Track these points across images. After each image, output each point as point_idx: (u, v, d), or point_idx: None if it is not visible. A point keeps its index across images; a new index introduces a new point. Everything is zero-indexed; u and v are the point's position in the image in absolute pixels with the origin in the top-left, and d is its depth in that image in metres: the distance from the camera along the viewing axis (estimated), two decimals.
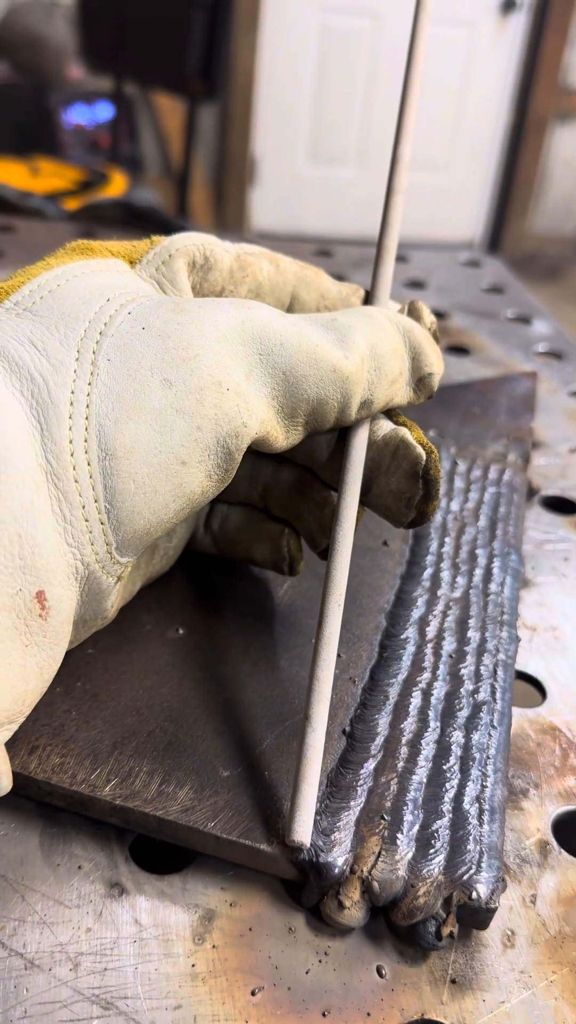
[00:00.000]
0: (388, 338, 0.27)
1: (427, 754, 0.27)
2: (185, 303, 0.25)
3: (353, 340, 0.26)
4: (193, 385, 0.23)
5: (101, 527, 0.22)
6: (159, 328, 0.24)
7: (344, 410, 0.26)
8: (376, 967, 0.23)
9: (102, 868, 0.25)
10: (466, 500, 0.41)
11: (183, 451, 0.23)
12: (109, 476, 0.22)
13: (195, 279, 0.28)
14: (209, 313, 0.24)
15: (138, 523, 0.23)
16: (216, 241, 0.28)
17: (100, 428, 0.22)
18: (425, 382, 0.28)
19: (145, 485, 0.22)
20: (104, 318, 0.24)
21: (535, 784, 0.29)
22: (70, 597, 0.22)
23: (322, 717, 0.25)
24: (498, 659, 0.31)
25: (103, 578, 0.23)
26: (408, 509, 0.28)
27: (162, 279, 0.27)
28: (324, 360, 0.25)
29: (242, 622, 0.32)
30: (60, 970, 0.22)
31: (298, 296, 0.30)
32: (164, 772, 0.26)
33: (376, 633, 0.32)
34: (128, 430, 0.22)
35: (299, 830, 0.24)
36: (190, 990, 0.22)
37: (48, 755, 0.26)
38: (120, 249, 0.27)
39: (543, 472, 0.48)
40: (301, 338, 0.25)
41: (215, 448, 0.24)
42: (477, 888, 0.23)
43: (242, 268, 0.29)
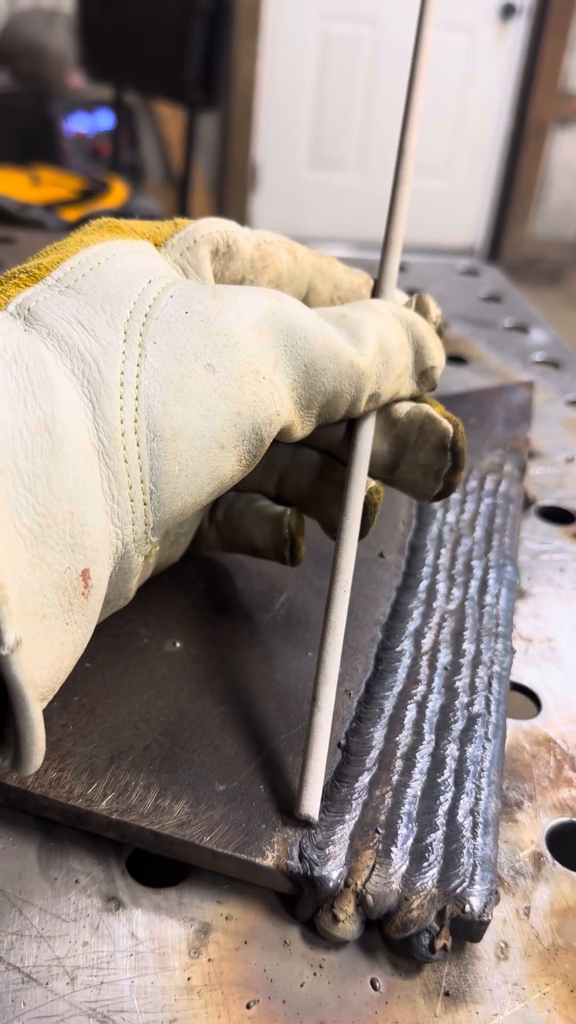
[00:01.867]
0: (394, 333, 0.28)
1: (422, 767, 0.28)
2: (223, 290, 0.26)
3: (365, 336, 0.27)
4: (235, 372, 0.24)
5: (144, 507, 0.23)
6: (201, 313, 0.24)
7: (355, 403, 0.27)
8: (370, 980, 0.24)
9: (99, 882, 0.25)
10: (462, 511, 0.41)
11: (223, 435, 0.24)
12: (157, 457, 0.23)
13: (217, 266, 0.28)
14: (246, 301, 0.25)
15: (176, 505, 0.23)
16: (238, 228, 0.29)
17: (149, 410, 0.22)
18: (428, 375, 0.29)
19: (188, 468, 0.23)
20: (148, 300, 0.24)
21: (529, 796, 0.29)
22: (107, 576, 0.23)
23: (329, 698, 0.26)
24: (493, 671, 0.32)
25: (135, 557, 0.23)
26: (436, 482, 0.29)
27: (186, 265, 0.27)
28: (343, 356, 0.26)
29: (239, 636, 0.33)
30: (57, 984, 0.22)
31: (314, 286, 0.31)
32: (160, 786, 0.26)
33: (372, 645, 0.33)
34: (176, 412, 0.23)
35: (307, 804, 0.25)
36: (186, 1003, 0.22)
37: (45, 769, 0.26)
38: (145, 230, 0.27)
39: (540, 482, 0.48)
40: (324, 333, 0.26)
41: (250, 434, 0.24)
42: (470, 901, 0.24)
43: (263, 258, 0.29)
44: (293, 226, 3.12)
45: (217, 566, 0.36)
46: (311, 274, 0.30)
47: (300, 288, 0.30)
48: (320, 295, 0.31)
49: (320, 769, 0.26)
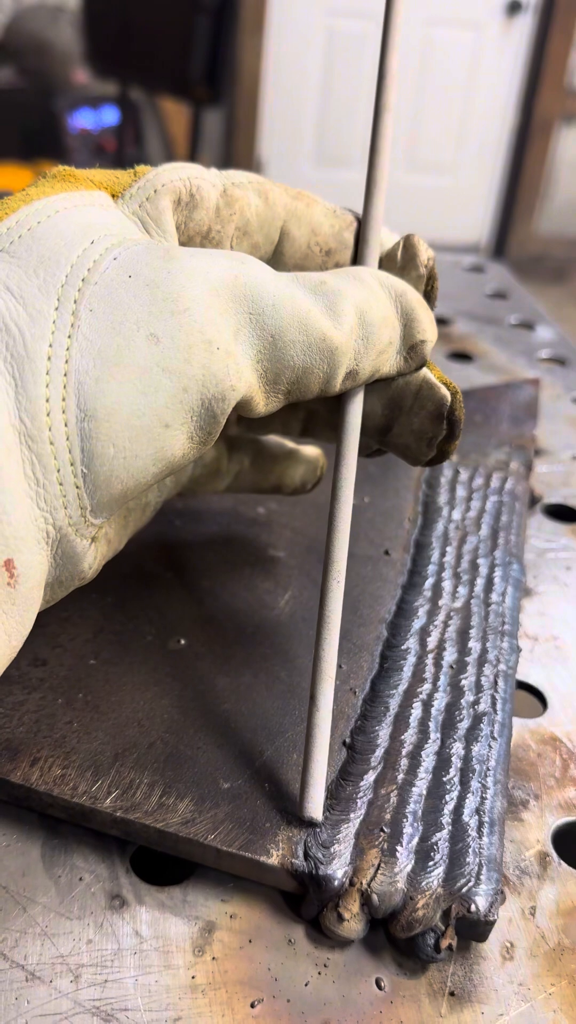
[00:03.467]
0: (378, 305, 0.26)
1: (427, 766, 0.27)
2: (176, 250, 0.23)
3: (342, 308, 0.24)
4: (182, 342, 0.22)
5: (76, 491, 0.21)
6: (148, 277, 0.22)
7: (329, 381, 0.25)
8: (375, 979, 0.23)
9: (103, 880, 0.25)
10: (468, 509, 0.41)
11: (167, 413, 0.22)
12: (87, 439, 0.21)
13: (180, 218, 0.26)
14: (201, 264, 0.23)
15: (115, 487, 0.22)
16: (203, 173, 0.27)
17: (79, 386, 0.21)
18: (417, 350, 0.27)
19: (125, 449, 0.21)
20: (88, 263, 0.22)
21: (535, 795, 0.29)
22: (40, 562, 0.21)
23: (327, 696, 0.26)
24: (499, 670, 0.31)
25: (76, 541, 0.22)
26: (429, 448, 0.28)
27: (146, 217, 0.25)
28: (314, 327, 0.24)
29: (243, 633, 0.33)
30: (61, 982, 0.22)
31: (288, 232, 0.28)
32: (165, 784, 0.26)
33: (377, 643, 0.32)
34: (110, 390, 0.21)
35: (310, 806, 0.25)
36: (190, 1002, 0.22)
37: (50, 767, 0.26)
38: (103, 179, 0.26)
39: (546, 480, 0.48)
40: (293, 302, 0.24)
41: (200, 410, 0.22)
42: (476, 900, 0.24)
43: (229, 204, 0.27)
44: None
45: (222, 564, 0.36)
46: (284, 218, 0.28)
47: (272, 234, 0.28)
48: (295, 242, 0.28)
49: (322, 770, 0.25)
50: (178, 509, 0.39)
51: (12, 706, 0.28)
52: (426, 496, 0.42)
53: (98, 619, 0.32)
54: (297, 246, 0.28)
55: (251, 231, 0.27)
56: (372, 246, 0.29)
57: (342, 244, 0.29)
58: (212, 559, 0.37)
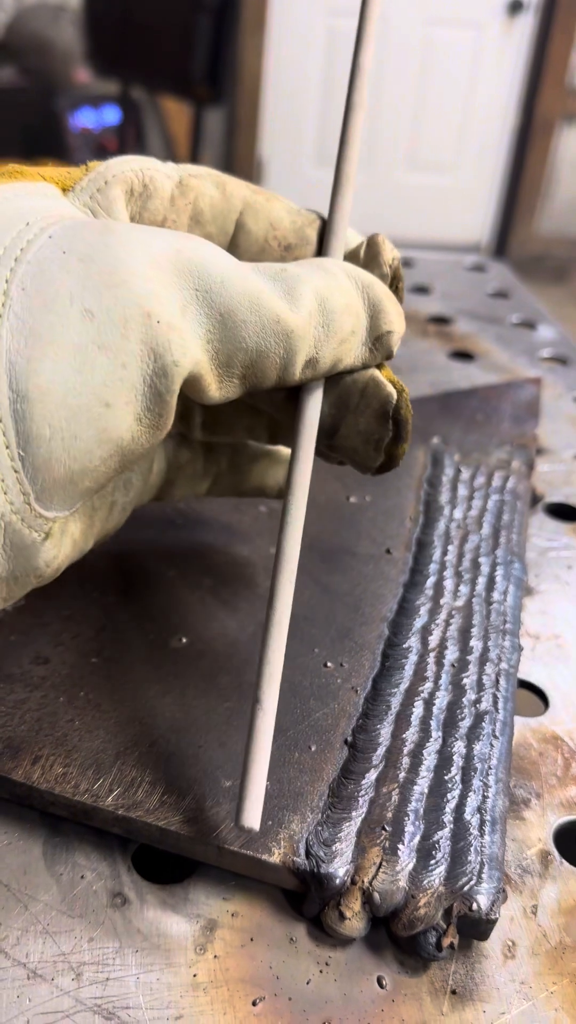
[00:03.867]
0: (341, 293, 0.25)
1: (429, 764, 0.27)
2: (114, 225, 0.22)
3: (300, 291, 0.24)
4: (118, 316, 0.21)
5: (15, 475, 0.21)
6: (82, 251, 0.21)
7: (287, 367, 0.24)
8: (377, 977, 0.23)
9: (105, 878, 0.25)
10: (469, 508, 0.41)
11: (106, 391, 0.21)
12: (21, 420, 0.20)
13: (133, 208, 0.26)
14: (141, 236, 0.22)
15: (57, 470, 0.21)
16: (156, 164, 0.26)
17: (11, 367, 0.20)
18: (383, 341, 0.26)
19: (63, 430, 0.21)
20: (21, 243, 0.21)
21: (537, 794, 0.29)
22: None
23: (272, 698, 0.24)
24: (500, 668, 0.31)
25: (25, 532, 0.22)
26: (376, 452, 0.27)
27: (97, 207, 0.25)
28: (267, 308, 0.23)
29: (244, 631, 0.33)
30: (62, 980, 0.22)
31: (244, 224, 0.27)
32: (166, 782, 0.26)
33: (379, 642, 0.32)
34: (43, 369, 0.20)
35: (248, 815, 0.23)
36: (191, 1000, 0.22)
37: (51, 765, 0.26)
38: (54, 175, 0.25)
39: (547, 479, 0.48)
40: (245, 281, 0.23)
41: (143, 388, 0.21)
42: (478, 899, 0.24)
43: (184, 194, 0.26)
44: None
45: (224, 562, 0.36)
46: (241, 210, 0.27)
47: (227, 226, 0.27)
48: (251, 234, 0.27)
49: (262, 775, 0.24)
50: (180, 508, 0.39)
51: (14, 704, 0.28)
52: (428, 495, 0.42)
53: (100, 617, 0.32)
54: (253, 238, 0.28)
55: (204, 221, 0.27)
56: (337, 240, 0.28)
57: (303, 240, 0.28)
58: (213, 558, 0.37)
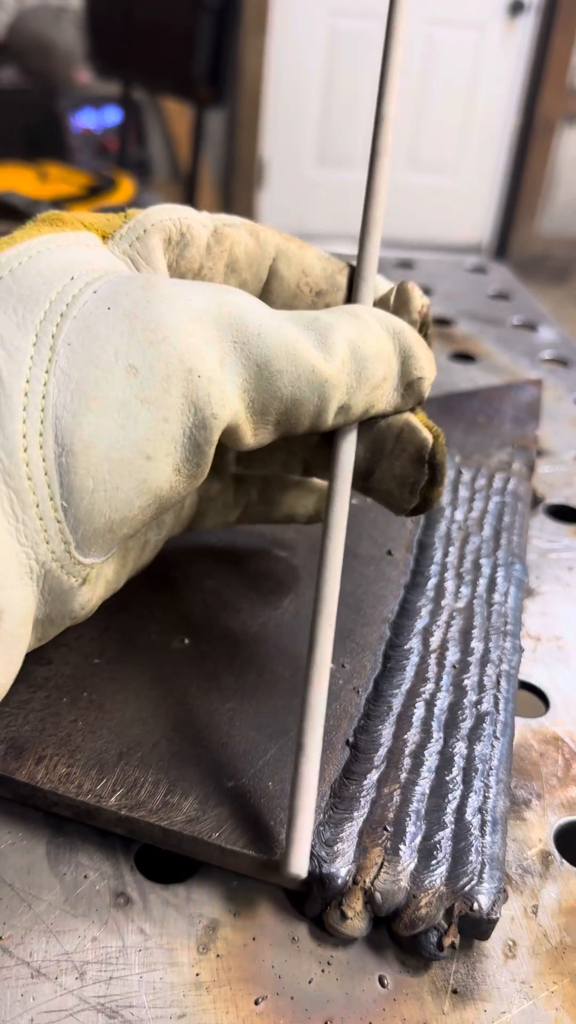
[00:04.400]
0: (373, 340, 0.25)
1: (430, 765, 0.28)
2: (156, 280, 0.23)
3: (333, 340, 0.24)
4: (160, 372, 0.21)
5: (57, 525, 0.21)
6: (126, 308, 0.22)
7: (320, 415, 0.24)
8: (378, 977, 0.24)
9: (108, 878, 0.25)
10: (470, 509, 0.41)
11: (148, 445, 0.21)
12: (66, 473, 0.21)
13: (171, 256, 0.26)
14: (183, 292, 0.23)
15: (98, 521, 0.22)
16: (193, 214, 0.27)
17: (57, 421, 0.21)
18: (414, 387, 0.27)
19: (106, 482, 0.21)
20: (67, 299, 0.22)
21: (537, 795, 0.29)
22: (24, 597, 0.21)
23: (316, 744, 0.24)
24: (501, 669, 0.32)
25: (64, 578, 0.22)
26: (412, 495, 0.27)
27: (136, 256, 0.25)
28: (303, 358, 0.23)
29: (247, 632, 0.33)
30: (66, 979, 0.22)
31: (277, 271, 0.28)
32: (169, 782, 0.26)
33: (380, 643, 0.33)
34: (87, 423, 0.21)
35: (296, 863, 0.23)
36: (194, 999, 0.22)
37: (55, 765, 0.26)
38: (94, 221, 0.26)
39: (548, 480, 0.48)
40: (281, 331, 0.23)
41: (183, 440, 0.22)
42: (479, 899, 0.24)
43: (219, 242, 0.27)
44: (299, 223, 3.12)
45: (226, 564, 0.37)
46: (274, 256, 0.28)
47: (261, 272, 0.28)
48: (284, 280, 0.28)
49: (308, 824, 0.24)
50: None
51: (17, 704, 0.28)
52: None
53: (103, 618, 0.33)
54: (286, 285, 0.28)
55: (239, 268, 0.28)
56: (367, 286, 0.28)
57: (333, 286, 0.29)
58: (216, 559, 0.37)
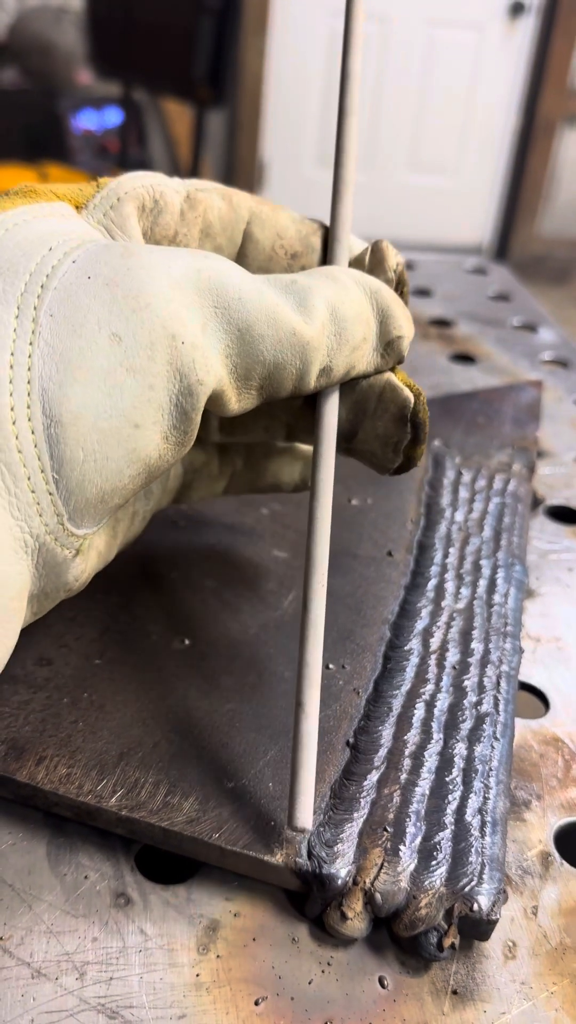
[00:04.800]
0: (352, 301, 0.25)
1: (430, 766, 0.28)
2: (135, 247, 0.23)
3: (313, 303, 0.24)
4: (144, 339, 0.21)
5: (49, 497, 0.21)
6: (107, 276, 0.22)
7: (302, 378, 0.25)
8: (378, 978, 0.24)
9: (108, 878, 0.25)
10: (471, 510, 0.41)
11: (135, 413, 0.21)
12: (55, 444, 0.21)
13: (145, 223, 0.26)
14: (162, 258, 0.23)
15: (89, 491, 0.22)
16: (166, 180, 0.27)
17: (44, 392, 0.21)
18: (393, 346, 0.27)
19: (95, 452, 0.21)
20: (46, 269, 0.22)
21: (537, 796, 0.29)
22: (19, 572, 0.21)
23: (314, 702, 0.25)
24: (501, 671, 0.32)
25: (57, 550, 0.22)
26: (395, 454, 0.28)
27: (110, 224, 0.25)
28: (283, 321, 0.23)
29: (247, 633, 0.33)
30: (66, 979, 0.23)
31: (252, 234, 0.28)
32: (169, 783, 0.26)
33: (380, 644, 0.33)
34: (74, 393, 0.21)
35: (300, 816, 0.24)
36: (194, 999, 0.22)
37: (55, 766, 0.26)
38: (66, 192, 0.26)
39: (548, 482, 0.48)
40: (261, 296, 0.23)
41: (169, 408, 0.22)
42: (479, 900, 0.24)
43: (193, 207, 0.27)
44: None
45: (226, 564, 0.37)
46: (248, 220, 0.28)
47: (235, 236, 0.28)
48: (259, 244, 0.28)
49: (311, 777, 0.25)
50: (182, 510, 0.40)
51: (18, 705, 0.28)
52: (429, 497, 0.42)
53: (103, 619, 0.33)
54: (261, 248, 0.28)
55: (214, 233, 0.28)
56: (342, 247, 0.28)
57: (308, 248, 0.29)
58: (216, 560, 0.37)
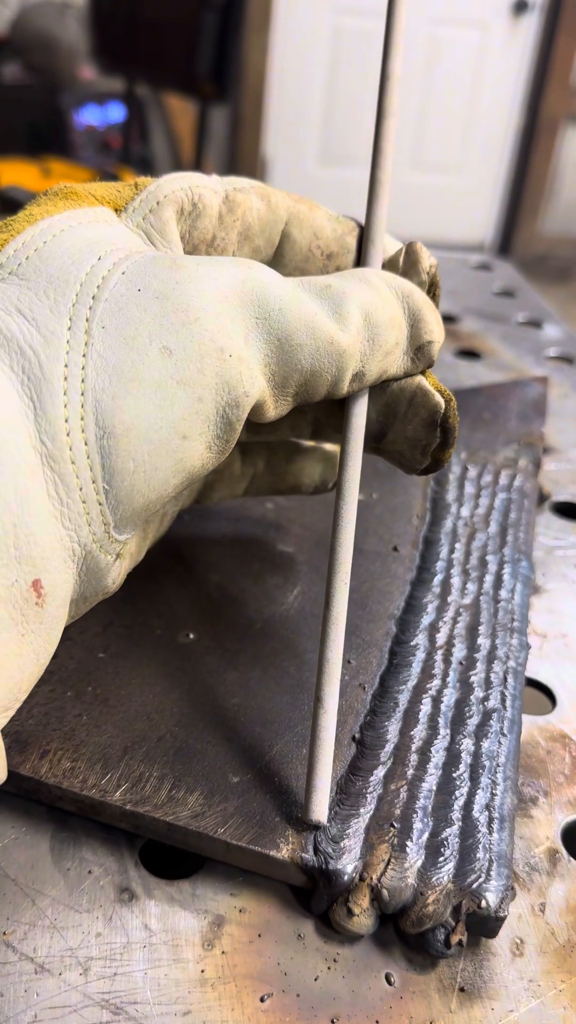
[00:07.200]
0: (385, 306, 0.25)
1: (437, 761, 0.27)
2: (182, 260, 0.23)
3: (348, 309, 0.24)
4: (194, 352, 0.22)
5: (99, 507, 0.21)
6: (156, 289, 0.22)
7: (337, 383, 0.25)
8: (385, 974, 0.23)
9: (112, 873, 0.25)
10: (476, 506, 0.41)
11: (184, 425, 0.22)
12: (107, 456, 0.21)
13: (184, 227, 0.26)
14: (208, 271, 0.23)
15: (137, 501, 0.22)
16: (204, 182, 0.27)
17: (97, 404, 0.21)
18: (424, 351, 0.27)
19: (145, 463, 0.21)
20: (96, 280, 0.22)
21: (544, 792, 0.29)
22: (66, 580, 0.21)
23: (333, 697, 0.25)
24: (508, 666, 0.31)
25: (101, 557, 0.22)
26: (423, 456, 0.28)
27: (150, 229, 0.25)
28: (322, 330, 0.24)
29: (252, 627, 0.33)
30: (70, 975, 0.22)
31: (290, 235, 0.28)
32: (174, 777, 0.26)
33: (386, 639, 0.32)
34: (127, 405, 0.21)
35: (316, 809, 0.25)
36: (199, 996, 0.22)
37: (59, 760, 0.26)
38: (105, 194, 0.26)
39: (554, 477, 0.47)
40: (300, 305, 0.24)
41: (215, 419, 0.22)
42: (486, 896, 0.23)
43: (231, 211, 0.27)
44: None
45: (231, 559, 0.36)
46: (286, 220, 0.28)
47: (273, 237, 0.28)
48: (296, 244, 0.28)
49: (327, 772, 0.25)
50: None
51: None
52: (435, 493, 0.42)
53: (108, 613, 0.32)
54: (298, 248, 0.28)
55: (252, 235, 0.28)
56: (376, 249, 0.29)
57: (344, 248, 0.29)
58: (221, 554, 0.37)
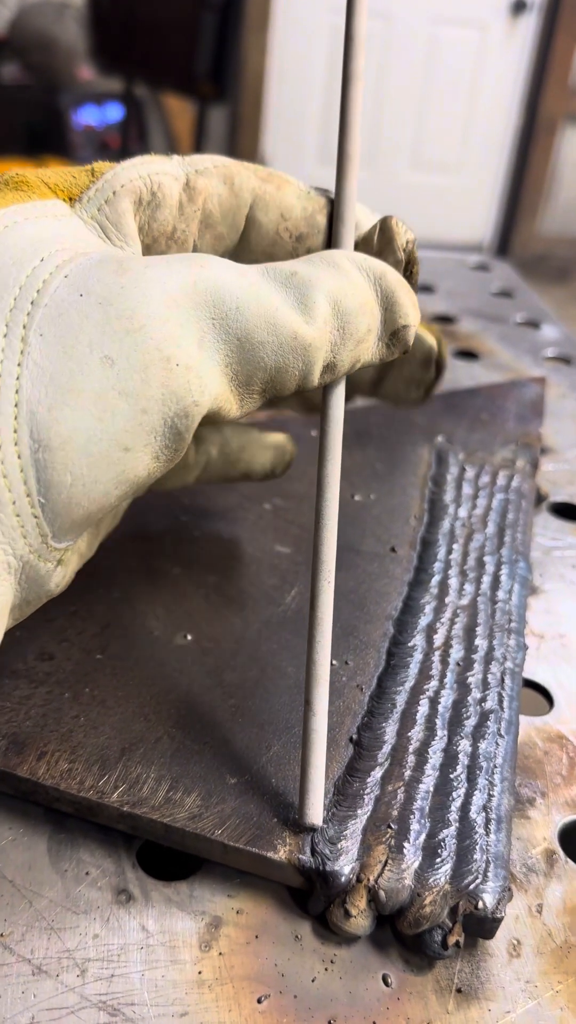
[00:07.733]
0: (356, 291, 0.24)
1: (434, 763, 0.27)
2: (130, 262, 0.22)
3: (314, 299, 0.23)
4: (138, 362, 0.21)
5: (35, 520, 0.21)
6: (100, 294, 0.21)
7: (306, 377, 0.24)
8: (382, 975, 0.23)
9: (109, 874, 0.25)
10: (474, 507, 0.41)
11: (127, 437, 0.21)
12: (43, 469, 0.20)
13: (142, 218, 0.25)
14: (157, 274, 0.22)
15: (76, 513, 0.21)
16: (164, 167, 0.25)
17: (32, 415, 0.20)
18: (399, 336, 0.25)
19: (84, 476, 0.20)
20: (37, 283, 0.21)
21: (542, 793, 0.29)
22: (3, 592, 0.21)
23: (322, 700, 0.25)
24: (506, 667, 0.31)
25: (40, 565, 0.22)
26: (418, 390, 0.31)
27: (105, 222, 0.24)
28: (284, 325, 0.22)
29: (249, 629, 0.33)
30: (67, 976, 0.22)
31: (255, 219, 0.27)
32: (172, 779, 0.26)
33: (383, 640, 0.32)
34: (64, 417, 0.20)
35: (310, 813, 0.25)
36: (196, 997, 0.22)
37: (56, 761, 0.26)
38: (59, 182, 0.24)
39: (552, 478, 0.47)
40: (259, 301, 0.22)
41: (162, 430, 0.21)
42: (483, 897, 0.23)
43: (192, 200, 0.26)
44: None
45: (228, 560, 0.36)
46: (251, 204, 0.27)
47: (238, 223, 0.27)
48: (262, 228, 0.27)
49: (320, 775, 0.25)
50: (184, 505, 0.39)
51: (19, 700, 0.28)
52: (432, 493, 0.42)
53: (105, 614, 0.32)
54: (264, 232, 0.27)
55: (214, 223, 0.27)
56: (347, 227, 0.27)
57: (314, 228, 0.28)
58: (218, 555, 0.37)
